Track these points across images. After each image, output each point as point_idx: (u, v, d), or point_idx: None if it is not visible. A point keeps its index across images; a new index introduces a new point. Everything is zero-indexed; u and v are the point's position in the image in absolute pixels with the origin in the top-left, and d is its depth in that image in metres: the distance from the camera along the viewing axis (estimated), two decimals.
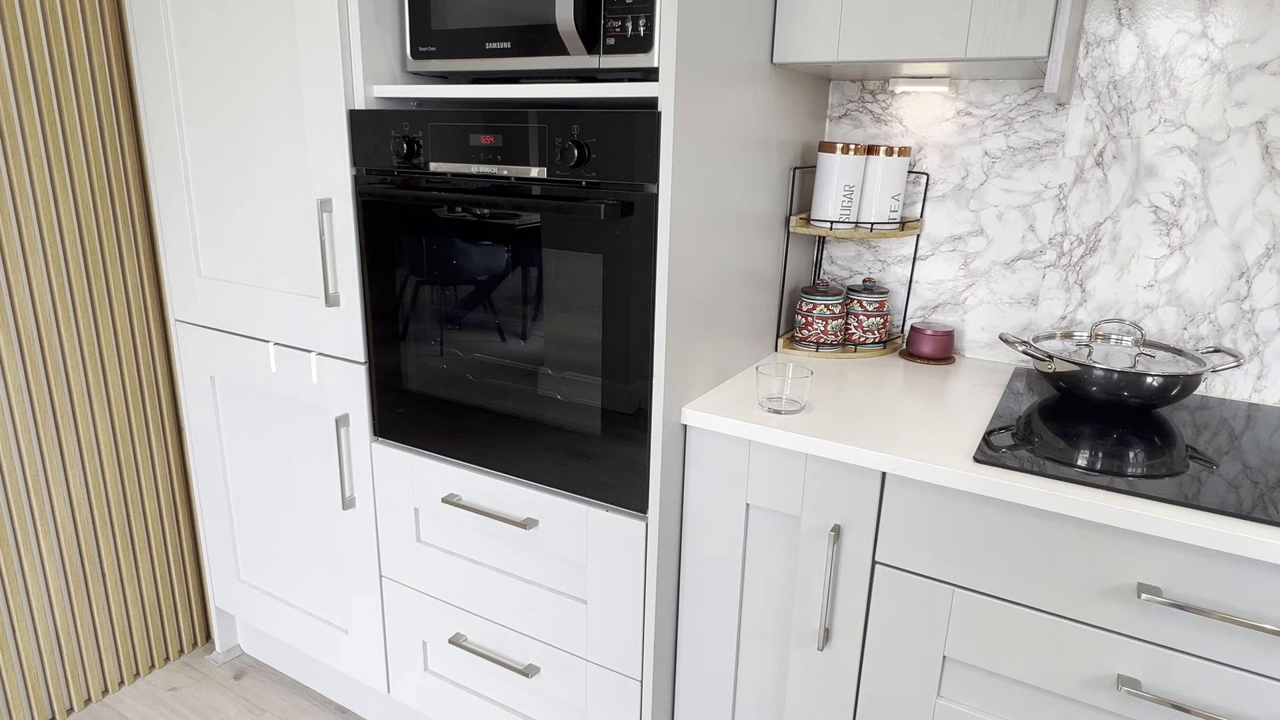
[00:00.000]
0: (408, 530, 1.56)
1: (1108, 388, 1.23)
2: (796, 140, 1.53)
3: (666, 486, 1.26)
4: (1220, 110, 1.31)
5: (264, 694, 1.95)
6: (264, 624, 1.92)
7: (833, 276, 1.72)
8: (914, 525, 1.11)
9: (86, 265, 1.72)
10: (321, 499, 1.69)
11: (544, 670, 1.46)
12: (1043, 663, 1.06)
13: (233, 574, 1.94)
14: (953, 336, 1.55)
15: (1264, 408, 1.33)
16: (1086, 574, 1.00)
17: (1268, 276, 1.32)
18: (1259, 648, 0.93)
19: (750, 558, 1.27)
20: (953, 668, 1.14)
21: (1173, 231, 1.38)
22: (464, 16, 1.32)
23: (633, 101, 1.19)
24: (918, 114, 1.55)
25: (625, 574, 1.31)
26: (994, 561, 1.06)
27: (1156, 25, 1.32)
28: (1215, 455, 1.12)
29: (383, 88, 1.39)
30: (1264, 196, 1.30)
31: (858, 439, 1.14)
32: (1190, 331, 1.40)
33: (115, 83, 1.71)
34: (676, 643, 1.39)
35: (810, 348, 1.58)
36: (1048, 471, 1.04)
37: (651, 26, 1.14)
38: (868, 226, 1.51)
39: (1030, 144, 1.46)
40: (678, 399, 1.25)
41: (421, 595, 1.58)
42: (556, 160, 1.19)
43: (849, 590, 1.18)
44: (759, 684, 1.32)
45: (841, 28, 1.28)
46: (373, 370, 1.52)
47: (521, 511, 1.40)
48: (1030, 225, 1.49)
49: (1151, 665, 0.99)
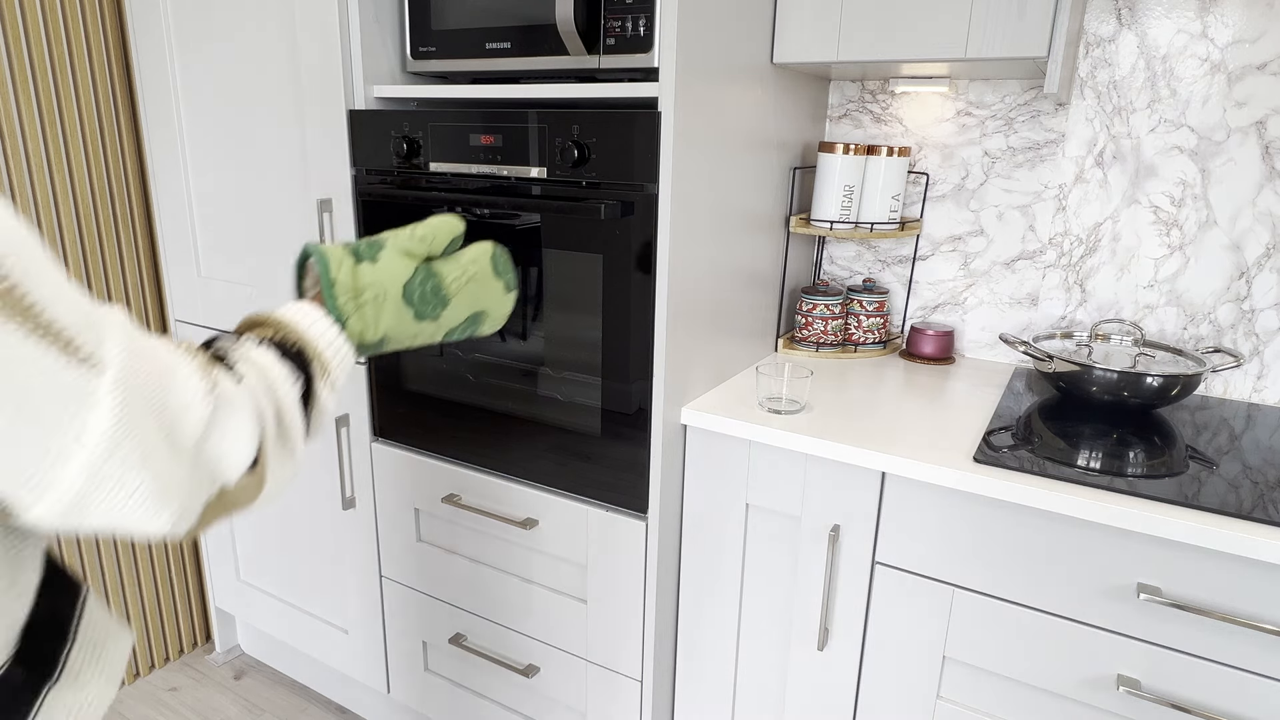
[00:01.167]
0: (408, 530, 1.56)
1: (1108, 388, 1.23)
2: (796, 140, 1.53)
3: (666, 487, 1.26)
4: (1220, 110, 1.31)
5: (264, 694, 1.95)
6: (264, 624, 1.92)
7: (833, 276, 1.72)
8: (914, 525, 1.11)
9: (86, 265, 1.72)
10: (321, 499, 1.69)
11: (544, 670, 1.46)
12: (1043, 663, 1.06)
13: (233, 574, 1.94)
14: (953, 336, 1.56)
15: (1264, 408, 1.33)
16: (1086, 574, 1.00)
17: (1268, 276, 1.32)
18: (1259, 648, 0.93)
19: (750, 558, 1.27)
20: (953, 668, 1.14)
21: (1173, 231, 1.38)
22: (464, 16, 1.32)
23: (633, 101, 1.19)
24: (918, 114, 1.55)
25: (625, 574, 1.31)
26: (994, 561, 1.06)
27: (1156, 25, 1.32)
28: (1215, 455, 1.12)
29: (383, 88, 1.39)
30: (1264, 196, 1.30)
31: (858, 439, 1.14)
32: (1190, 331, 1.40)
33: (115, 83, 1.71)
34: (676, 643, 1.39)
35: (810, 348, 1.58)
36: (1048, 472, 1.04)
37: (651, 26, 1.14)
38: (868, 226, 1.51)
39: (1030, 144, 1.46)
40: (677, 399, 1.25)
41: (421, 595, 1.58)
42: (556, 160, 1.19)
43: (849, 590, 1.18)
44: (759, 684, 1.32)
45: (841, 28, 1.28)
46: (373, 370, 1.52)
47: (521, 511, 1.40)
48: (1030, 225, 1.49)
49: (1151, 665, 0.99)
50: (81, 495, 0.45)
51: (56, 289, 0.44)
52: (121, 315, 0.49)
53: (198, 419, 0.50)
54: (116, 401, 0.45)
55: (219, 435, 0.51)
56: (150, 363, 0.48)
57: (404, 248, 0.70)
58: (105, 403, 0.44)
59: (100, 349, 0.45)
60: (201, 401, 0.50)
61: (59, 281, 0.44)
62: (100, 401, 0.44)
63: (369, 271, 0.67)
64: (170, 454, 0.48)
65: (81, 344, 0.44)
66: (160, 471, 0.47)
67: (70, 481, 0.44)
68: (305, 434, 0.61)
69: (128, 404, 0.45)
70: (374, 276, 0.67)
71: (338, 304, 0.65)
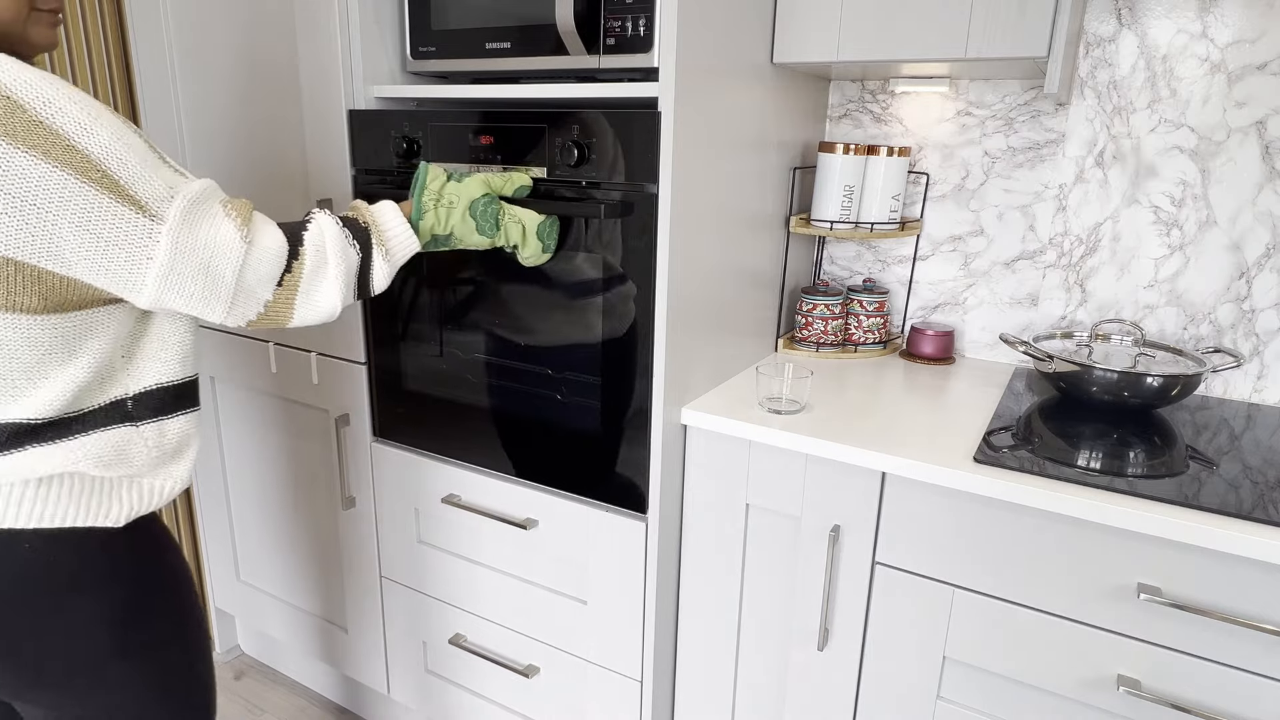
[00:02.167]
0: (408, 530, 1.56)
1: (1108, 388, 1.23)
2: (796, 140, 1.53)
3: (666, 487, 1.26)
4: (1220, 110, 1.31)
5: (264, 694, 1.95)
6: (264, 624, 1.92)
7: (833, 276, 1.72)
8: (914, 525, 1.11)
9: None
10: (321, 499, 1.69)
11: (544, 670, 1.46)
12: (1043, 663, 1.06)
13: (233, 574, 1.94)
14: (953, 337, 1.55)
15: (1264, 408, 1.33)
16: (1086, 574, 1.00)
17: (1268, 276, 1.32)
18: (1259, 648, 0.93)
19: (750, 558, 1.27)
20: (953, 668, 1.14)
21: (1173, 231, 1.38)
22: (464, 16, 1.32)
23: (633, 101, 1.19)
24: (918, 114, 1.55)
25: (625, 574, 1.31)
26: (994, 562, 1.06)
27: (1156, 25, 1.32)
28: (1215, 455, 1.12)
29: (382, 88, 1.39)
30: (1264, 196, 1.30)
31: (858, 439, 1.14)
32: (1190, 332, 1.40)
33: (115, 83, 1.71)
34: (676, 643, 1.39)
35: (810, 348, 1.58)
36: (1048, 472, 1.04)
37: (651, 26, 1.14)
38: (868, 226, 1.51)
39: (1030, 144, 1.46)
40: (677, 399, 1.25)
41: (421, 595, 1.58)
42: (556, 160, 1.19)
43: (849, 590, 1.18)
44: (759, 684, 1.32)
45: (841, 28, 1.28)
46: (373, 370, 1.52)
47: (521, 511, 1.40)
48: (1030, 225, 1.49)
49: (1151, 665, 0.99)
50: (160, 290, 0.80)
51: (139, 173, 0.77)
52: (197, 187, 0.82)
53: (234, 254, 0.83)
54: (170, 241, 0.79)
55: (253, 264, 0.85)
56: (203, 219, 0.81)
57: (485, 179, 1.10)
58: (163, 241, 0.79)
59: (167, 208, 0.79)
60: (236, 244, 0.84)
61: (142, 170, 0.78)
62: (161, 239, 0.79)
63: (453, 187, 1.06)
64: (210, 274, 0.82)
65: (153, 207, 0.78)
66: (209, 283, 0.83)
67: (152, 282, 0.79)
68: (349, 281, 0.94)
69: (178, 242, 0.79)
70: (455, 190, 1.06)
71: (421, 200, 1.03)
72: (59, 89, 0.74)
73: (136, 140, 0.79)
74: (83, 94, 0.76)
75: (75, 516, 0.86)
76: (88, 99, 0.76)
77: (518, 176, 1.12)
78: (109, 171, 0.75)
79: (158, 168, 0.79)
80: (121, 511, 0.90)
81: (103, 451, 0.86)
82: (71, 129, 0.73)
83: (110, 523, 0.89)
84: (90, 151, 0.74)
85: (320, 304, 0.92)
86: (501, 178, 1.10)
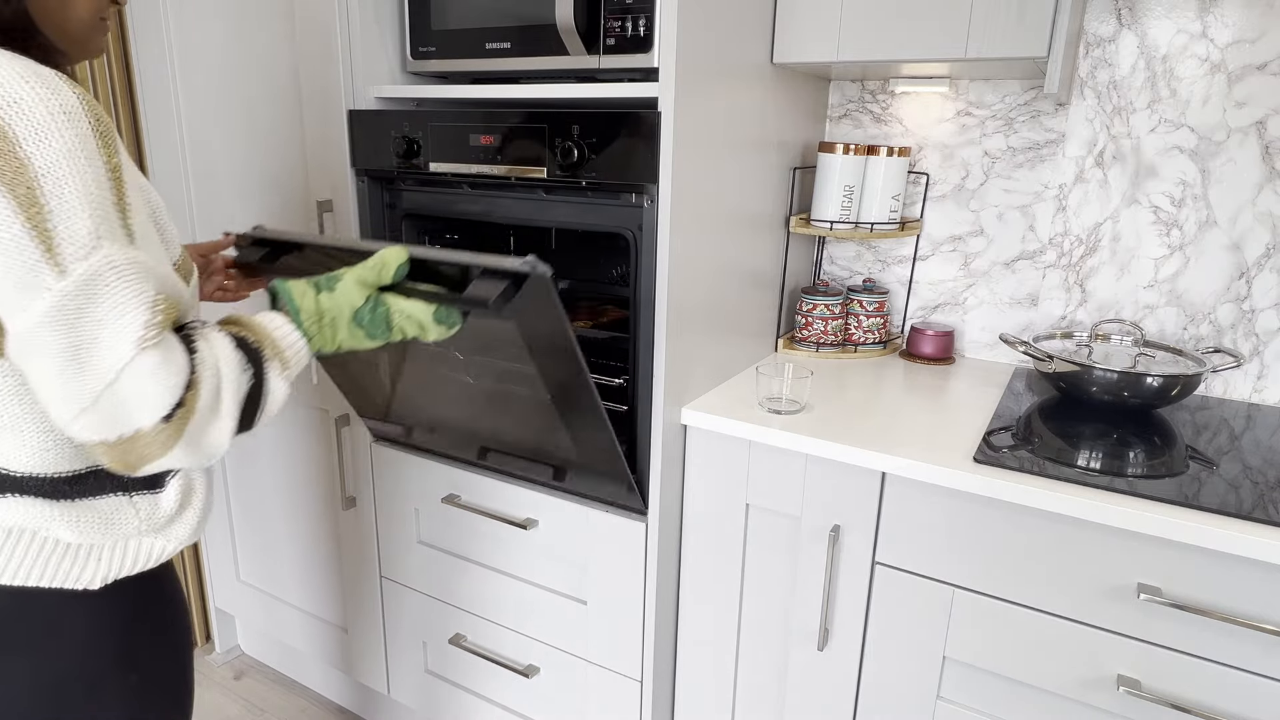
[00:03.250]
0: (408, 530, 1.56)
1: (1108, 388, 1.23)
2: (796, 140, 1.53)
3: (666, 487, 1.26)
4: (1220, 110, 1.31)
5: (264, 694, 1.95)
6: (264, 624, 1.92)
7: (833, 276, 1.72)
8: (914, 525, 1.11)
9: None
10: (321, 499, 1.69)
11: (544, 670, 1.46)
12: (1043, 663, 1.06)
13: (232, 574, 1.94)
14: (953, 337, 1.55)
15: (1264, 408, 1.33)
16: (1086, 574, 1.00)
17: (1268, 276, 1.32)
18: (1259, 648, 0.93)
19: (750, 558, 1.27)
20: (953, 668, 1.14)
21: (1173, 231, 1.38)
22: (464, 16, 1.32)
23: (633, 102, 1.19)
24: (918, 114, 1.55)
25: (625, 574, 1.31)
26: (994, 561, 1.06)
27: (1156, 25, 1.32)
28: (1215, 455, 1.12)
29: (382, 88, 1.39)
30: (1264, 196, 1.30)
31: (858, 439, 1.14)
32: (1190, 332, 1.40)
33: (115, 83, 1.71)
34: (676, 643, 1.39)
35: (810, 348, 1.58)
36: (1048, 472, 1.04)
37: (651, 26, 1.14)
38: (868, 226, 1.51)
39: (1030, 144, 1.46)
40: (677, 399, 1.25)
41: (421, 595, 1.58)
42: (556, 160, 1.19)
43: (849, 590, 1.18)
44: (759, 684, 1.32)
45: (841, 28, 1.28)
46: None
47: (521, 511, 1.39)
48: (1030, 225, 1.49)
49: (1151, 665, 0.99)
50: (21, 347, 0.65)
51: (71, 215, 0.63)
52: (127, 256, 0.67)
53: (118, 353, 0.65)
54: (56, 301, 0.63)
55: (134, 377, 0.66)
56: (109, 294, 0.65)
57: (359, 276, 0.87)
58: (48, 297, 0.63)
59: (73, 266, 0.64)
60: (130, 344, 0.66)
61: (78, 214, 0.64)
62: (49, 291, 0.63)
63: (327, 299, 0.86)
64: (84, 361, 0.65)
65: (63, 253, 0.63)
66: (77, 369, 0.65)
67: (17, 331, 0.64)
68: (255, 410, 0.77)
69: (63, 307, 0.64)
70: (331, 303, 0.86)
71: (303, 326, 0.84)
72: (31, 86, 0.63)
73: (93, 173, 0.65)
74: (72, 101, 0.65)
75: (40, 576, 0.76)
76: (72, 109, 0.65)
77: (391, 257, 0.89)
78: (37, 191, 0.62)
79: (100, 212, 0.65)
80: (98, 573, 0.78)
81: (81, 517, 0.77)
82: (23, 131, 0.62)
83: (83, 585, 0.78)
84: (31, 160, 0.62)
85: (211, 446, 0.73)
86: (374, 269, 0.87)
